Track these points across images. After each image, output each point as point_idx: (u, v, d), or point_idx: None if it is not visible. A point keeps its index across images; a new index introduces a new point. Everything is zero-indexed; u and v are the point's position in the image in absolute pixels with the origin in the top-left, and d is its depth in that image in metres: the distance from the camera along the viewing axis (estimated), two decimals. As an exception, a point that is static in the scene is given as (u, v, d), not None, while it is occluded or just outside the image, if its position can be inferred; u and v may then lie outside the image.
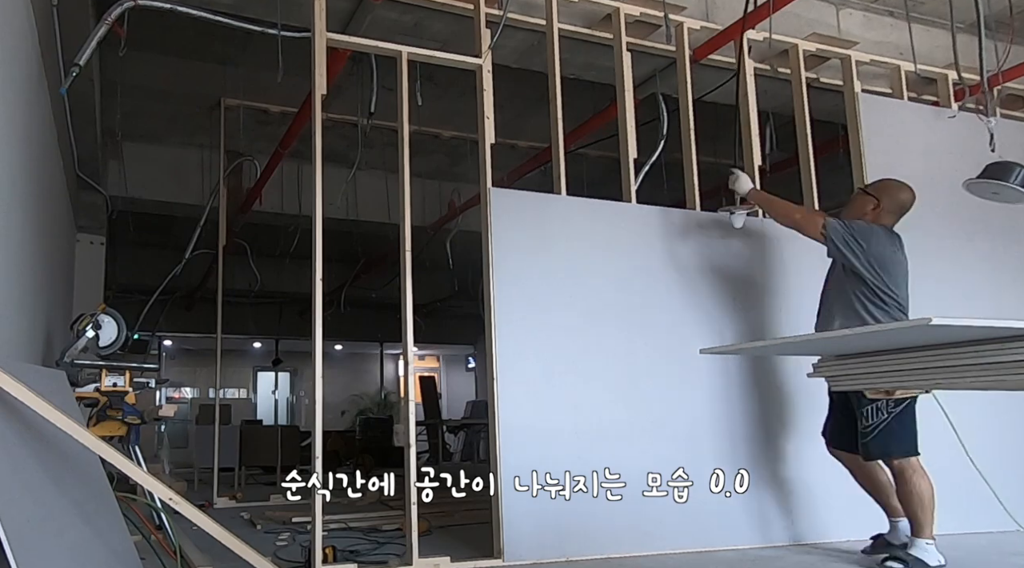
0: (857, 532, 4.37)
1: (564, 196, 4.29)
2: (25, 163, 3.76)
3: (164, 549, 3.51)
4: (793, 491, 4.30)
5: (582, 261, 4.19)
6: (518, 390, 3.91)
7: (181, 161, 8.17)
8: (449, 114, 6.03)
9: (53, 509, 2.09)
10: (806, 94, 4.97)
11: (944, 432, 4.30)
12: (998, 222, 5.04)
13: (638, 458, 4.00)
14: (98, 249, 8.00)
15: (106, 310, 3.88)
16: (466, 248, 8.30)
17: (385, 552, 3.95)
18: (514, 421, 3.86)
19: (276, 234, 8.76)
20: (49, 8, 4.16)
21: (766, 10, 4.54)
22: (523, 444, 3.84)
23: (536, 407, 3.93)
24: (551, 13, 4.49)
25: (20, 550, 1.82)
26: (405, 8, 4.53)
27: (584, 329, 4.11)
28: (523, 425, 3.87)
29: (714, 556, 3.91)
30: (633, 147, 4.48)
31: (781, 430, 4.35)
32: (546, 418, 3.94)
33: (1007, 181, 3.45)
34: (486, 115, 4.20)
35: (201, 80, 6.74)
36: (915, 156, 5.07)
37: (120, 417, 3.78)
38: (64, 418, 2.26)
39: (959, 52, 4.40)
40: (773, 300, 4.54)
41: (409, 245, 3.95)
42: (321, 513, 3.53)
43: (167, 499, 2.53)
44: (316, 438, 3.63)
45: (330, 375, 3.78)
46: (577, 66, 4.98)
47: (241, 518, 5.57)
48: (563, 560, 3.74)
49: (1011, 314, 4.98)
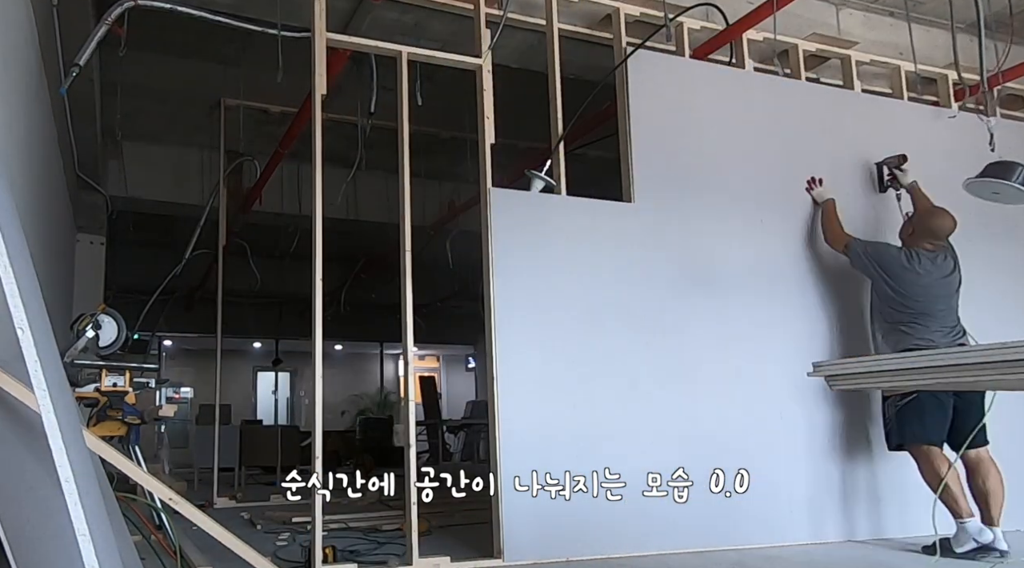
0: (856, 532, 4.39)
1: (564, 196, 4.29)
2: (25, 163, 3.76)
3: (164, 549, 3.51)
4: (795, 491, 4.30)
5: (582, 261, 4.19)
6: (518, 390, 3.91)
7: (181, 161, 8.17)
8: (449, 114, 6.03)
9: (53, 509, 2.09)
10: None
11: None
12: (998, 222, 5.03)
13: (638, 458, 4.00)
14: (98, 249, 8.01)
15: (106, 310, 3.88)
16: (466, 248, 8.29)
17: (385, 552, 3.95)
18: (514, 421, 3.86)
19: (276, 234, 8.76)
20: (49, 8, 4.16)
21: (767, 10, 4.54)
22: (523, 444, 3.84)
23: (536, 407, 3.93)
24: (551, 13, 4.49)
25: (20, 550, 1.81)
26: (405, 8, 4.53)
27: (584, 329, 4.11)
28: (523, 425, 3.87)
29: (714, 556, 3.91)
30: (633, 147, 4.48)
31: (783, 429, 4.35)
32: (546, 418, 3.93)
33: (1008, 180, 3.44)
34: (486, 115, 4.20)
35: (201, 80, 6.74)
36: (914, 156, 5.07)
37: (120, 417, 3.78)
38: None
39: (959, 52, 4.40)
40: (776, 299, 4.54)
41: (409, 245, 3.95)
42: (321, 513, 3.53)
43: (167, 499, 2.53)
44: (316, 438, 3.63)
45: (330, 375, 3.78)
46: (577, 66, 4.98)
47: (241, 518, 5.58)
48: (563, 560, 3.74)
49: (1012, 314, 4.99)
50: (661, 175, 4.43)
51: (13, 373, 2.05)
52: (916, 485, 3.99)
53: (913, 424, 3.96)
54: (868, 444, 4.51)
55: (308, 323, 3.77)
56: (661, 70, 4.61)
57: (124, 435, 3.79)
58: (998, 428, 4.70)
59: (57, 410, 1.90)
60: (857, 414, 4.53)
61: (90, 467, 2.04)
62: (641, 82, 4.49)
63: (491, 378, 3.89)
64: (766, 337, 4.43)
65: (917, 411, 3.94)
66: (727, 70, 4.86)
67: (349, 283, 11.94)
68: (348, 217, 8.32)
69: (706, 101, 4.69)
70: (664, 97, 4.56)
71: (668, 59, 4.70)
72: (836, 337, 4.59)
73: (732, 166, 4.63)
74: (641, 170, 4.39)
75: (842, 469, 4.45)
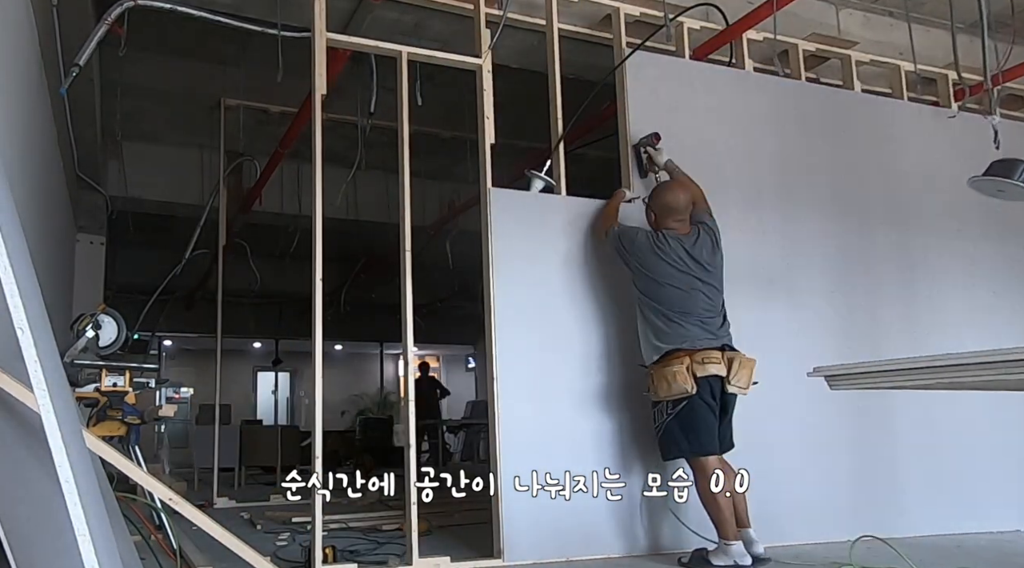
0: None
1: (564, 196, 4.29)
2: (25, 163, 3.76)
3: (164, 549, 3.51)
4: (797, 491, 4.29)
5: (582, 261, 4.19)
6: (518, 390, 3.91)
7: (181, 161, 8.17)
8: (449, 114, 6.04)
9: (53, 509, 2.09)
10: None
11: (948, 431, 4.31)
12: (998, 223, 5.04)
13: (638, 458, 4.01)
14: (98, 249, 8.00)
15: (106, 310, 3.88)
16: (466, 248, 8.29)
17: (385, 552, 3.95)
18: (514, 421, 3.86)
19: (276, 234, 8.75)
20: (49, 8, 4.16)
21: (767, 10, 4.55)
22: (523, 444, 3.84)
23: (536, 407, 3.93)
24: (551, 13, 4.49)
25: (20, 550, 1.82)
26: (405, 8, 4.53)
27: (584, 329, 4.11)
28: (523, 425, 3.87)
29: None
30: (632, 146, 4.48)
31: (784, 430, 4.35)
32: (546, 418, 3.93)
33: (1012, 178, 3.45)
34: (486, 115, 4.20)
35: (201, 80, 6.74)
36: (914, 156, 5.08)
37: (120, 417, 3.78)
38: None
39: (959, 52, 4.40)
40: (774, 299, 4.54)
41: (409, 245, 3.95)
42: (321, 513, 3.53)
43: (167, 499, 2.53)
44: (316, 438, 3.63)
45: (330, 375, 3.78)
46: (577, 66, 4.98)
47: (241, 518, 5.57)
48: (563, 560, 3.73)
49: (1011, 315, 4.99)
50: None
51: (13, 373, 2.05)
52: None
53: (690, 433, 3.58)
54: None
55: (308, 323, 3.76)
56: (661, 70, 4.61)
57: (124, 435, 3.80)
58: (997, 427, 4.73)
59: (57, 410, 1.90)
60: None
61: (90, 467, 2.04)
62: (641, 82, 4.49)
63: (491, 378, 3.89)
64: (764, 337, 4.43)
65: (692, 419, 3.58)
66: (726, 70, 4.86)
67: (349, 283, 11.93)
68: (348, 217, 8.31)
69: (705, 101, 4.69)
70: (664, 97, 4.56)
71: (668, 59, 4.71)
72: (836, 337, 4.59)
73: (731, 166, 4.63)
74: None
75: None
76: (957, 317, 4.92)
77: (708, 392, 3.60)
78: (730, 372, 3.62)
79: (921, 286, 4.93)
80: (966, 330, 4.84)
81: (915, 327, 4.80)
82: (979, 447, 4.71)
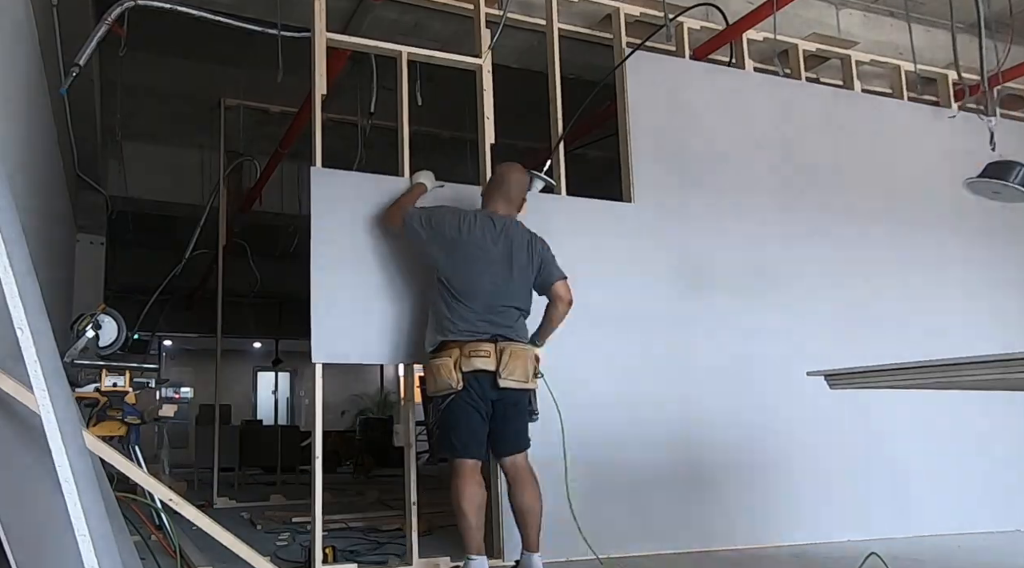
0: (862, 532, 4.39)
1: (564, 196, 4.29)
2: (25, 163, 3.76)
3: (164, 549, 3.51)
4: (796, 491, 4.30)
5: (582, 261, 4.18)
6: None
7: (181, 161, 8.17)
8: (449, 114, 6.04)
9: (53, 509, 2.09)
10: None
11: (948, 431, 4.30)
12: (999, 223, 5.04)
13: (639, 457, 4.00)
14: (98, 249, 8.00)
15: (106, 310, 3.88)
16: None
17: (385, 552, 3.95)
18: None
19: (276, 234, 8.75)
20: (49, 8, 4.16)
21: (767, 10, 4.55)
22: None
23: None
24: (551, 13, 4.49)
25: (20, 550, 1.81)
26: (405, 8, 4.53)
27: (583, 329, 4.10)
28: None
29: (715, 555, 3.91)
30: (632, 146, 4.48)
31: (783, 430, 4.35)
32: (546, 418, 3.93)
33: (1008, 180, 3.45)
34: (486, 115, 4.20)
35: (201, 80, 6.74)
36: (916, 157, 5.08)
37: (120, 417, 3.78)
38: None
39: (959, 52, 4.40)
40: (774, 299, 4.54)
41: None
42: (321, 513, 3.52)
43: (167, 499, 2.53)
44: (316, 438, 3.63)
45: (330, 375, 3.77)
46: (577, 66, 4.98)
47: (241, 518, 5.57)
48: (563, 560, 3.73)
49: (1011, 315, 4.99)
50: (661, 175, 4.44)
51: (13, 373, 2.05)
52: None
53: (452, 432, 3.27)
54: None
55: (308, 323, 3.76)
56: (661, 70, 4.61)
57: (124, 435, 3.80)
58: (997, 427, 4.72)
59: (57, 410, 1.90)
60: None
61: (90, 467, 2.04)
62: (641, 82, 4.49)
63: (491, 378, 3.88)
64: (764, 337, 4.43)
65: (453, 418, 3.27)
66: (727, 70, 4.87)
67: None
68: (348, 217, 8.29)
69: (706, 101, 4.69)
70: (664, 97, 4.57)
71: (668, 59, 4.71)
72: (835, 337, 4.59)
73: (732, 166, 4.63)
74: (641, 170, 4.39)
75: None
76: (956, 317, 4.92)
77: (475, 389, 3.25)
78: (499, 365, 3.26)
79: (921, 286, 4.93)
80: (965, 330, 4.84)
81: (914, 327, 4.80)
82: (979, 447, 4.71)
